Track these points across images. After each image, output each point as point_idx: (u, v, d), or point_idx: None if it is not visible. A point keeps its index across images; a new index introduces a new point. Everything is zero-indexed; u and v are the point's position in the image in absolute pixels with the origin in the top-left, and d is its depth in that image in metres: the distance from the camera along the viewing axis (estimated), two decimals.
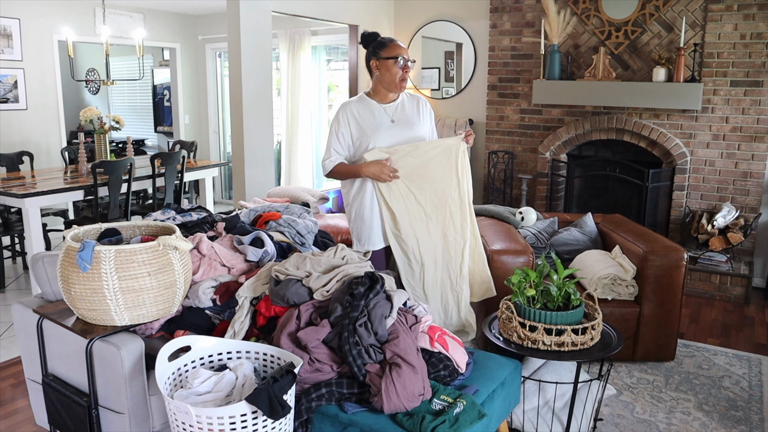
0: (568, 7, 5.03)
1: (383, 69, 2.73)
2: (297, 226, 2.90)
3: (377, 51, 2.73)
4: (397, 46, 2.73)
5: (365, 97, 2.83)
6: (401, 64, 2.71)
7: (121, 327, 2.11)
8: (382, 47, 2.73)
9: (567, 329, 2.24)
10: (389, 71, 2.72)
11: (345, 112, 2.78)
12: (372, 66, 2.77)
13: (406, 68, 2.73)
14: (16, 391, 3.06)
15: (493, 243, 3.31)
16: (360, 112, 2.78)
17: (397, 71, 2.71)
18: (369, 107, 2.80)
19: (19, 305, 2.40)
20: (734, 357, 3.46)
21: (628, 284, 3.27)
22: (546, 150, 5.31)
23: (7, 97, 5.93)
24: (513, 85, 5.50)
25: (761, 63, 4.43)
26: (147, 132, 9.15)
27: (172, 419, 1.78)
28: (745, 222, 4.54)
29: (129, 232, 2.39)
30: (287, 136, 7.17)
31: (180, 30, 7.73)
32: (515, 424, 2.58)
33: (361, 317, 2.02)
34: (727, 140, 4.64)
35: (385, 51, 2.72)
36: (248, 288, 2.31)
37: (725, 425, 2.77)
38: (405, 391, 1.87)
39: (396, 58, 2.70)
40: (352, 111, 2.78)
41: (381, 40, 2.75)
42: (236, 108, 4.55)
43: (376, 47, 2.74)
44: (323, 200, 4.57)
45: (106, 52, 5.26)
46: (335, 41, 6.95)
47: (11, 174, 4.98)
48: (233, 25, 4.42)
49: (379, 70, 2.74)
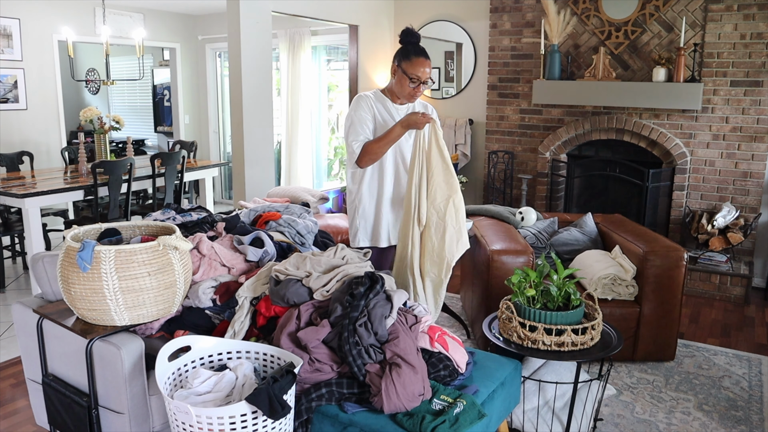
0: (568, 7, 5.03)
1: (399, 78, 2.72)
2: (297, 226, 2.90)
3: (401, 59, 2.69)
4: (419, 64, 2.66)
5: (381, 93, 2.82)
6: (414, 85, 2.69)
7: (121, 327, 2.11)
8: (406, 58, 2.67)
9: (567, 329, 2.24)
10: (402, 84, 2.71)
11: (366, 101, 2.76)
12: (392, 68, 2.76)
13: (418, 88, 2.71)
14: (16, 391, 3.06)
15: (493, 243, 3.31)
16: (377, 106, 2.78)
17: (407, 87, 2.70)
18: (384, 104, 2.80)
19: (19, 305, 2.40)
20: (734, 357, 3.46)
21: (628, 284, 3.27)
22: (546, 150, 5.31)
23: (7, 97, 5.93)
24: (513, 85, 5.50)
25: (761, 63, 4.43)
26: (147, 132, 9.15)
27: (172, 419, 1.78)
28: (745, 222, 4.54)
29: (129, 232, 2.39)
30: (287, 136, 7.17)
31: (180, 30, 7.73)
32: (515, 424, 2.58)
33: (361, 317, 2.02)
34: (727, 140, 4.64)
35: (406, 64, 2.67)
36: (248, 288, 2.31)
37: (725, 425, 2.76)
38: (405, 391, 1.87)
39: (411, 78, 2.67)
40: (371, 103, 2.77)
41: (409, 50, 2.69)
42: (236, 108, 4.55)
43: (403, 54, 2.69)
44: (323, 200, 4.57)
45: (106, 52, 5.26)
46: (335, 41, 6.94)
47: (11, 174, 4.98)
48: (233, 25, 4.42)
49: (395, 76, 2.74)
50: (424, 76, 2.68)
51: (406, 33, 2.70)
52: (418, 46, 2.70)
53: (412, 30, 2.71)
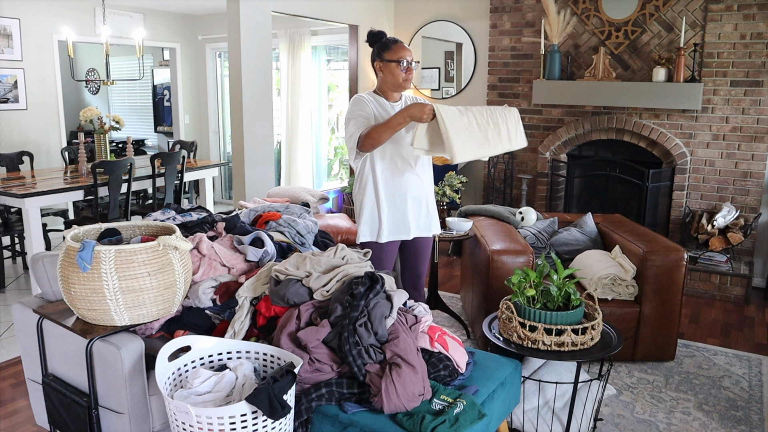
0: (568, 7, 5.03)
1: (387, 71, 2.73)
2: (297, 226, 2.90)
3: (381, 53, 2.73)
4: (400, 48, 2.72)
5: (375, 93, 2.85)
6: (404, 67, 2.71)
7: (121, 327, 2.11)
8: (385, 49, 2.73)
9: (567, 329, 2.24)
10: (392, 73, 2.72)
11: (365, 99, 2.78)
12: (376, 67, 2.78)
13: (409, 70, 2.73)
14: (16, 391, 3.06)
15: (493, 243, 3.31)
16: (374, 105, 2.79)
17: (399, 73, 2.72)
18: (381, 103, 2.81)
19: (19, 305, 2.40)
20: (734, 357, 3.46)
21: (628, 284, 3.27)
22: (546, 150, 5.31)
23: (7, 97, 5.93)
24: (513, 85, 5.50)
25: (761, 63, 4.43)
26: (147, 132, 9.15)
27: (172, 419, 1.78)
28: (745, 222, 4.54)
29: (129, 232, 2.39)
30: (287, 136, 7.17)
31: (180, 30, 7.73)
32: (515, 424, 2.58)
33: (361, 317, 2.02)
34: (727, 140, 4.64)
35: (388, 53, 2.72)
36: (248, 288, 2.31)
37: (725, 425, 2.76)
38: (405, 391, 1.88)
39: (399, 61, 2.70)
40: (368, 100, 2.78)
41: (385, 42, 2.74)
42: (236, 108, 4.55)
43: (381, 49, 2.74)
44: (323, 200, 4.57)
45: (106, 52, 5.26)
46: (335, 41, 6.94)
47: (11, 174, 4.98)
48: (233, 25, 4.42)
49: (382, 71, 2.75)
50: (410, 54, 2.74)
51: (372, 35, 2.78)
52: (389, 38, 2.77)
53: (372, 31, 2.79)
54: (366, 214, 2.83)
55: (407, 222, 2.85)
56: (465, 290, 4.04)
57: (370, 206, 2.82)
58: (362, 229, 2.85)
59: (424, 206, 2.89)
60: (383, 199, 2.80)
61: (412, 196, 2.83)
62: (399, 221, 2.84)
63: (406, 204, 2.82)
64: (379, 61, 2.74)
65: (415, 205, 2.85)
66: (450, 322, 3.87)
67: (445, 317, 3.93)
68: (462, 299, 4.18)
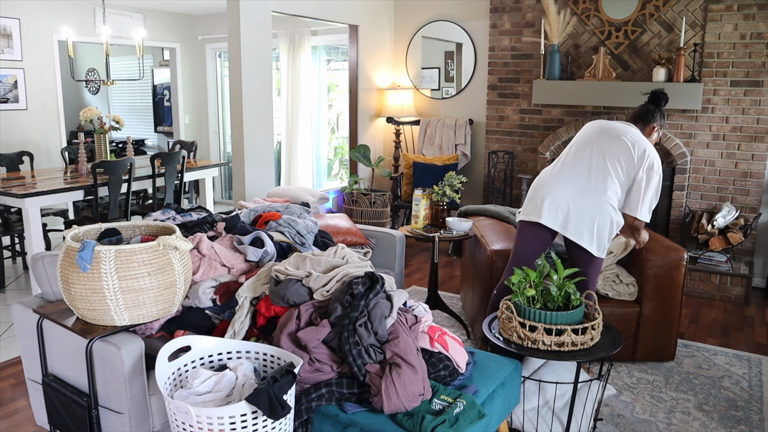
0: (568, 7, 5.03)
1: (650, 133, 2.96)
2: (297, 226, 2.90)
3: (660, 118, 2.97)
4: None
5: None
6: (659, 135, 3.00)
7: (121, 327, 2.11)
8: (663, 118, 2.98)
9: (567, 329, 2.24)
10: (650, 137, 2.94)
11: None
12: (649, 127, 2.95)
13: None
14: (16, 391, 3.06)
15: (493, 243, 3.31)
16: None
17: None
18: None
19: (19, 305, 2.40)
20: (734, 357, 3.46)
21: (628, 284, 3.27)
22: (546, 150, 5.31)
23: (7, 97, 5.93)
24: (513, 85, 5.50)
25: (761, 63, 4.43)
26: (147, 132, 9.14)
27: (172, 419, 1.78)
28: (745, 222, 4.54)
29: (129, 232, 2.39)
30: (287, 136, 7.17)
31: (180, 30, 7.73)
32: (515, 424, 2.58)
33: (361, 317, 2.02)
34: (727, 140, 4.64)
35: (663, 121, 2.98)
36: (248, 288, 2.31)
37: (725, 425, 2.76)
38: (405, 391, 1.88)
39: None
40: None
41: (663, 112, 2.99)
42: (236, 108, 4.55)
43: (662, 116, 2.98)
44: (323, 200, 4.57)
45: (106, 52, 5.26)
46: (335, 41, 6.94)
47: (11, 174, 4.98)
48: (233, 25, 4.42)
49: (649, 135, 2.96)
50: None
51: (660, 95, 2.99)
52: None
53: (661, 92, 3.01)
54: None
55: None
56: (465, 290, 4.04)
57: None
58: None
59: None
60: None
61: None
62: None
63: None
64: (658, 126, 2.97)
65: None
66: (450, 322, 3.87)
67: (445, 317, 3.93)
68: (462, 299, 4.18)
